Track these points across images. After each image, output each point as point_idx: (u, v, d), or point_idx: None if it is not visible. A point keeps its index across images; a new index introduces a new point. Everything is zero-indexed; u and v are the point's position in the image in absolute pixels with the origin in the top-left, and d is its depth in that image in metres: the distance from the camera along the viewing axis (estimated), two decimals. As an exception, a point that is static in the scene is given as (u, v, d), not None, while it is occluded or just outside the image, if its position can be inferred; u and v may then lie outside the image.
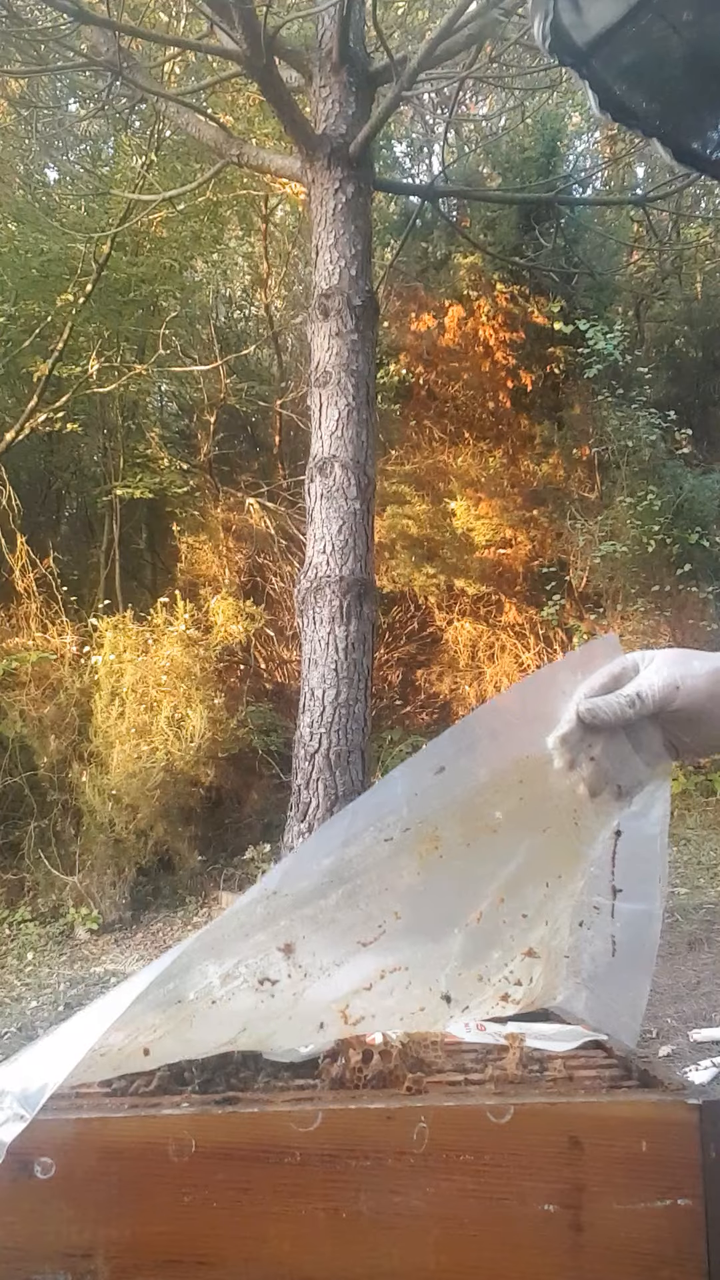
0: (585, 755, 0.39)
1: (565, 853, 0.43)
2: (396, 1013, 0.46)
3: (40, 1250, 0.41)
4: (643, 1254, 0.41)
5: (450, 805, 0.41)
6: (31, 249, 4.08)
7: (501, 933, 0.45)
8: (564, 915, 0.46)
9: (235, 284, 5.47)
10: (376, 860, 0.42)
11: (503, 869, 0.43)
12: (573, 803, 0.41)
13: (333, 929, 0.42)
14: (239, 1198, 0.41)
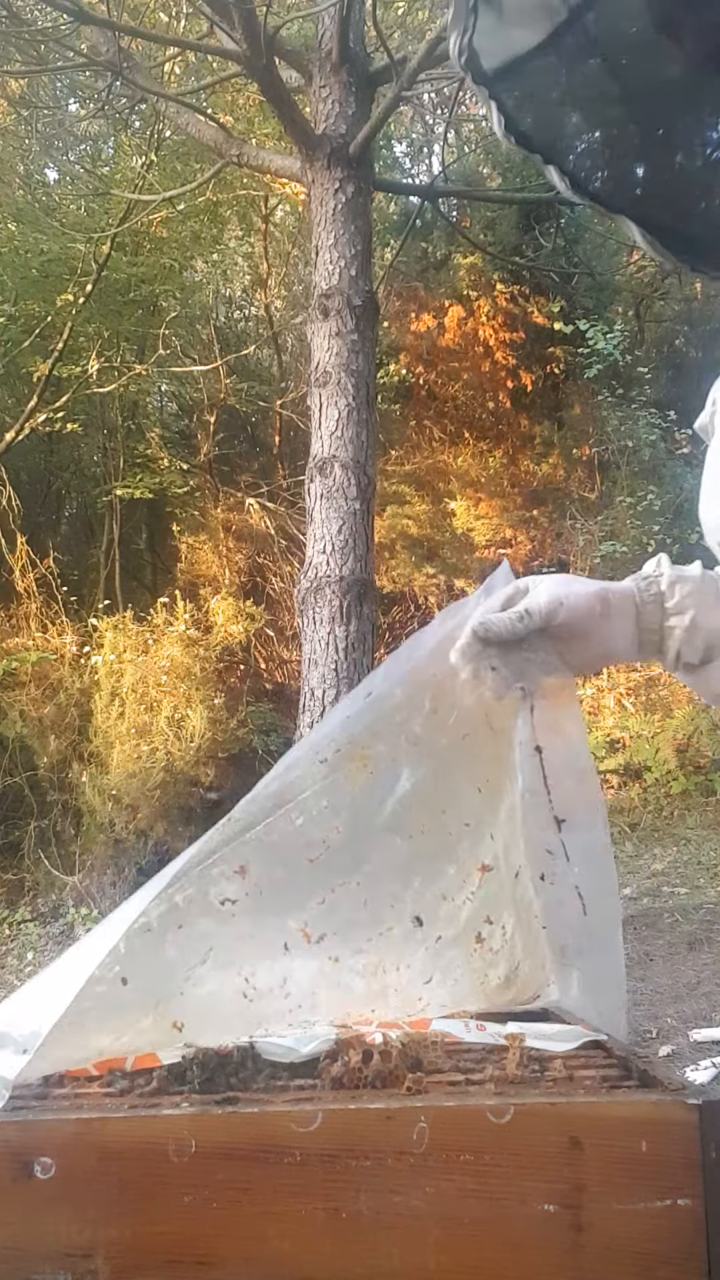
0: (486, 665, 0.44)
1: (488, 757, 0.46)
2: (363, 931, 0.48)
3: (40, 1250, 0.41)
4: (642, 1254, 0.41)
5: (374, 724, 0.46)
6: (31, 249, 4.08)
7: (449, 846, 0.48)
8: (516, 841, 0.48)
9: (235, 284, 5.48)
10: (314, 780, 0.46)
11: (431, 779, 0.46)
12: (483, 707, 0.45)
13: (280, 848, 0.45)
14: (239, 1198, 0.41)
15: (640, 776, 3.76)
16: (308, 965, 0.48)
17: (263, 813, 0.46)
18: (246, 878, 0.46)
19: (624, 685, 4.14)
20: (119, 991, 0.45)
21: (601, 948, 0.50)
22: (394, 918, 0.48)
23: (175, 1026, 0.47)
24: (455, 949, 0.50)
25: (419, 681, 0.46)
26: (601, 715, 4.13)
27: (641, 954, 2.42)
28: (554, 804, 0.46)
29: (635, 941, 2.49)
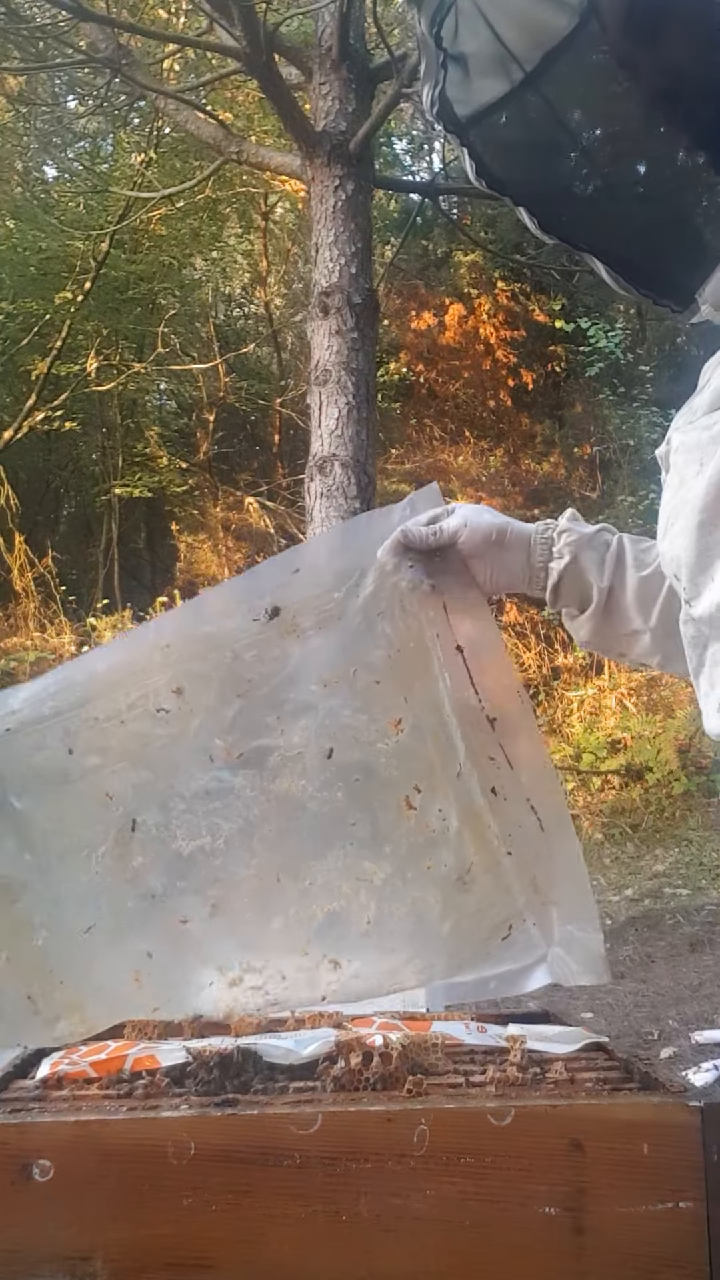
0: (405, 563, 0.52)
1: (410, 643, 0.51)
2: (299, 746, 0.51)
3: (39, 1253, 0.41)
4: (644, 1257, 0.40)
5: (305, 598, 0.51)
6: (30, 246, 4.08)
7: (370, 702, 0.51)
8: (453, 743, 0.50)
9: (235, 282, 5.47)
10: (248, 635, 0.51)
11: (355, 647, 0.51)
12: (398, 594, 0.51)
13: (214, 682, 0.51)
14: (238, 1200, 0.41)
15: (642, 777, 3.76)
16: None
17: (199, 653, 0.51)
18: (181, 697, 0.51)
19: (625, 686, 4.15)
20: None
21: (567, 873, 0.50)
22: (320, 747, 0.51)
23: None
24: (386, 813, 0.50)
25: (348, 567, 0.51)
26: (603, 716, 4.14)
27: (643, 955, 2.42)
28: (483, 704, 0.50)
29: (636, 943, 2.49)
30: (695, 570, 0.42)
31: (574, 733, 4.11)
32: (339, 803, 0.50)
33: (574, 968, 0.50)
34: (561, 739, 4.12)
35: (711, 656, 0.43)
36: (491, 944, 0.50)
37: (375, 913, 0.50)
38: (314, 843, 0.50)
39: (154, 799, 0.51)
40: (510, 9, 0.45)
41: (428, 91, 0.47)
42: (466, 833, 0.50)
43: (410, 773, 0.51)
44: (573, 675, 4.38)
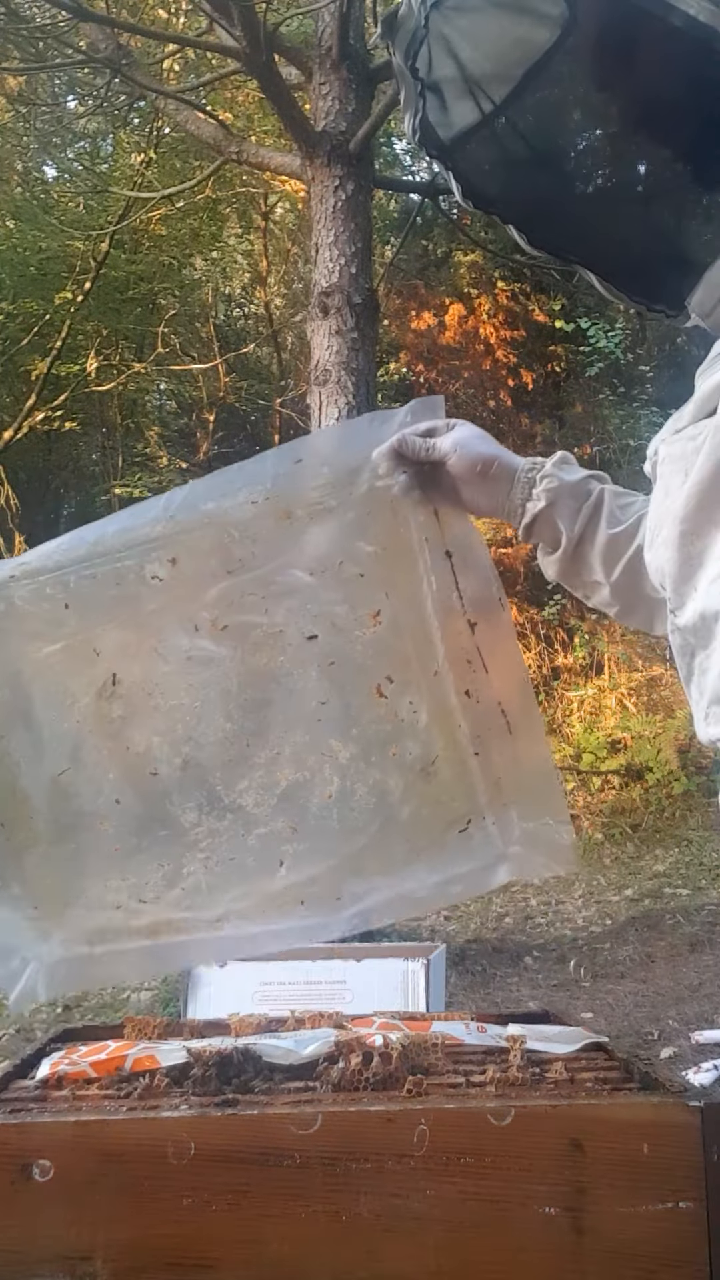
0: (399, 470, 0.53)
1: (397, 543, 0.53)
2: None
3: (39, 1253, 0.41)
4: (644, 1256, 0.40)
5: (301, 489, 0.53)
6: (30, 246, 4.07)
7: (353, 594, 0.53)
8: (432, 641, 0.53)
9: (235, 282, 5.46)
10: (245, 515, 0.53)
11: (344, 539, 0.53)
12: (389, 497, 0.53)
13: (207, 556, 0.53)
14: (238, 1200, 0.41)
15: (642, 777, 3.76)
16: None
17: (196, 528, 0.53)
18: (175, 567, 0.53)
19: (625, 686, 4.14)
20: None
21: (534, 773, 0.52)
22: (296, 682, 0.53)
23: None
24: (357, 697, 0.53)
25: (344, 466, 0.53)
26: (603, 716, 4.13)
27: (643, 955, 2.42)
28: (466, 609, 0.52)
29: (637, 943, 2.49)
30: (679, 580, 0.43)
31: (574, 733, 4.11)
32: (312, 681, 0.53)
33: (540, 860, 0.51)
34: (561, 739, 4.12)
35: (699, 665, 0.43)
36: (449, 835, 0.52)
37: (337, 788, 0.52)
38: (285, 715, 0.53)
39: (138, 659, 0.53)
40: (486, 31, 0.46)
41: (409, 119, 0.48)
42: (435, 728, 0.52)
43: (384, 665, 0.53)
44: (573, 675, 4.38)
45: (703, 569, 0.41)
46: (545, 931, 2.74)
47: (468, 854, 0.51)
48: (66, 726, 0.53)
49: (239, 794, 0.52)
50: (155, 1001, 2.45)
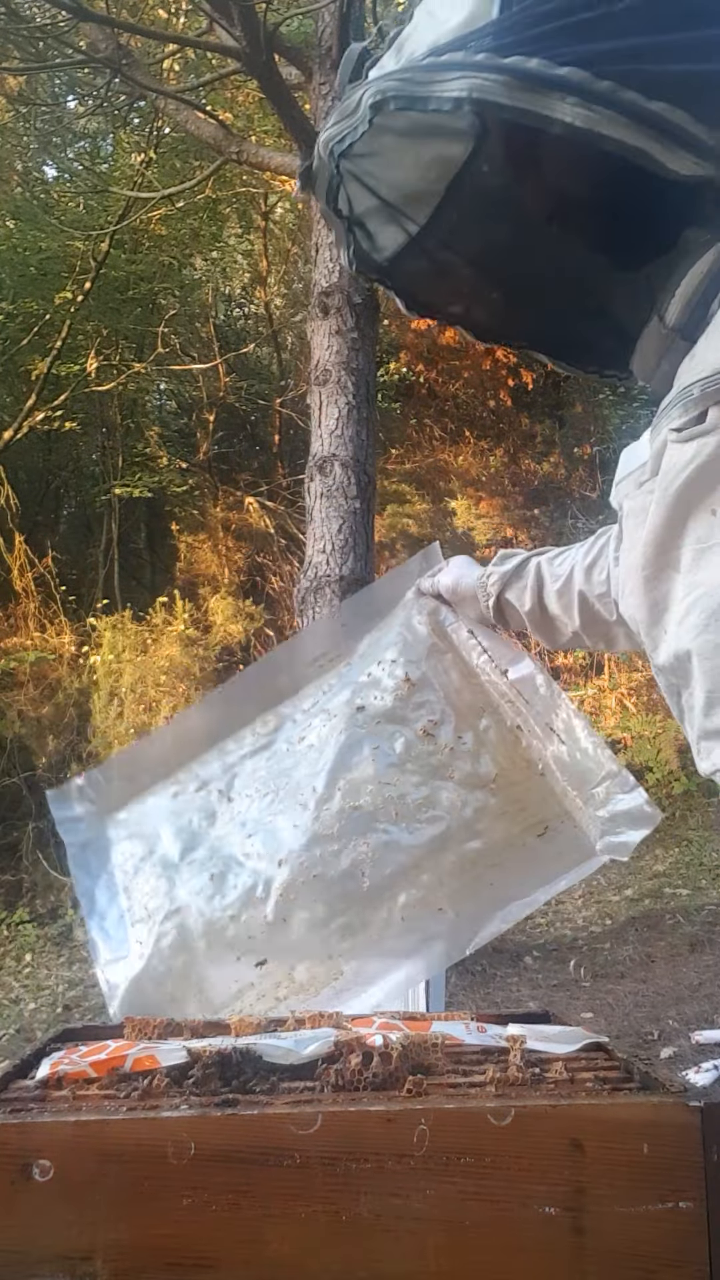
0: (424, 599, 0.73)
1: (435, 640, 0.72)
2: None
3: (38, 1253, 0.41)
4: (644, 1257, 0.40)
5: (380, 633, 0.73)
6: (30, 246, 4.08)
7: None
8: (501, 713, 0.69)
9: (235, 282, 5.46)
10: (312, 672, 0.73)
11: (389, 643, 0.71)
12: (423, 612, 0.72)
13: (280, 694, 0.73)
14: (238, 1200, 0.41)
15: (641, 777, 3.76)
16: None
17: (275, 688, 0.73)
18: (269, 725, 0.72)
19: (625, 686, 4.14)
20: None
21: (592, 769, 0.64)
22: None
23: None
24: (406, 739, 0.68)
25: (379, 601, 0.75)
26: (603, 716, 4.13)
27: (643, 955, 2.42)
28: (494, 659, 0.69)
29: (637, 943, 2.49)
30: (649, 625, 0.46)
31: (574, 733, 4.09)
32: (361, 733, 0.67)
33: (626, 834, 0.60)
34: (561, 739, 4.10)
35: (686, 703, 0.45)
36: (528, 838, 0.62)
37: (400, 806, 0.65)
38: (349, 757, 0.66)
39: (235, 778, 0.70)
40: (400, 160, 0.50)
41: (344, 254, 0.54)
42: (487, 755, 0.65)
43: (425, 714, 0.67)
44: (573, 675, 4.38)
45: (668, 612, 0.44)
46: (545, 931, 2.74)
47: (555, 854, 0.61)
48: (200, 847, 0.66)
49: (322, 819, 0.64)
50: (155, 1001, 2.43)
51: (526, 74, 0.38)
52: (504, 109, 0.39)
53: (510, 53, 0.39)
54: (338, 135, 0.46)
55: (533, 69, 0.38)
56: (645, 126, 0.38)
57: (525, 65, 0.38)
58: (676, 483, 0.42)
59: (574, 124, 0.38)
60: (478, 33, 0.40)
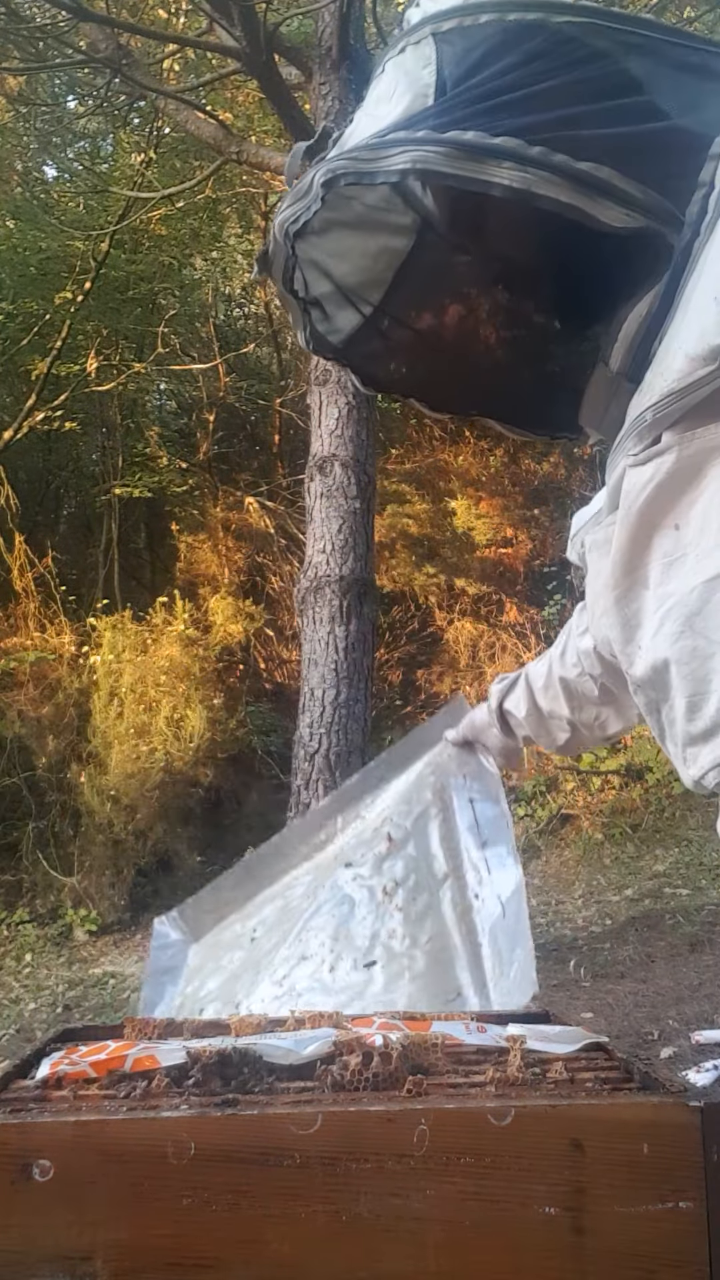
0: (447, 749, 0.82)
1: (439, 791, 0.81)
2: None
3: (38, 1253, 0.41)
4: (644, 1256, 0.40)
5: (394, 788, 0.82)
6: (30, 246, 4.07)
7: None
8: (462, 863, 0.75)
9: (235, 282, 5.46)
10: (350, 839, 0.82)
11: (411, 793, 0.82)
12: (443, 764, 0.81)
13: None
14: (238, 1200, 0.41)
15: (642, 777, 3.76)
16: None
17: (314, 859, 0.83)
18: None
19: (624, 684, 4.12)
20: None
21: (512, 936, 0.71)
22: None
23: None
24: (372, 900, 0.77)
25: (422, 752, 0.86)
26: (601, 714, 4.10)
27: (643, 956, 2.41)
28: (481, 833, 0.75)
29: (637, 943, 2.49)
30: (624, 642, 0.47)
31: (574, 733, 4.09)
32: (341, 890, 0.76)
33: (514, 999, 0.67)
34: (561, 739, 4.10)
35: (667, 717, 0.46)
36: (441, 999, 0.70)
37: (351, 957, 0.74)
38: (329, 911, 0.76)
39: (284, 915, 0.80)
40: (349, 249, 0.53)
41: (300, 335, 0.56)
42: (432, 918, 0.73)
43: (387, 876, 0.75)
44: (572, 675, 4.36)
45: (640, 628, 0.45)
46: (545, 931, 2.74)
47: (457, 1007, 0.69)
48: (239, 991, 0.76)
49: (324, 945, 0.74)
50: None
51: (465, 144, 0.41)
52: (446, 176, 0.42)
53: (448, 129, 0.42)
54: (292, 216, 0.48)
55: (470, 140, 0.41)
56: (576, 184, 0.41)
57: (463, 137, 0.41)
58: (638, 502, 0.43)
59: (511, 185, 0.41)
60: (417, 116, 0.44)
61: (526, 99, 0.42)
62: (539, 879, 3.37)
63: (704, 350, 0.40)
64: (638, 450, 0.43)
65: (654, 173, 0.41)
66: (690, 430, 0.41)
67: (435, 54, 0.44)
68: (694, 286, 0.41)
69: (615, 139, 0.42)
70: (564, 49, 0.42)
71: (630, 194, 0.41)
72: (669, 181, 0.41)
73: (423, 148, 0.42)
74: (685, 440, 0.41)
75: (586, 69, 0.43)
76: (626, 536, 0.44)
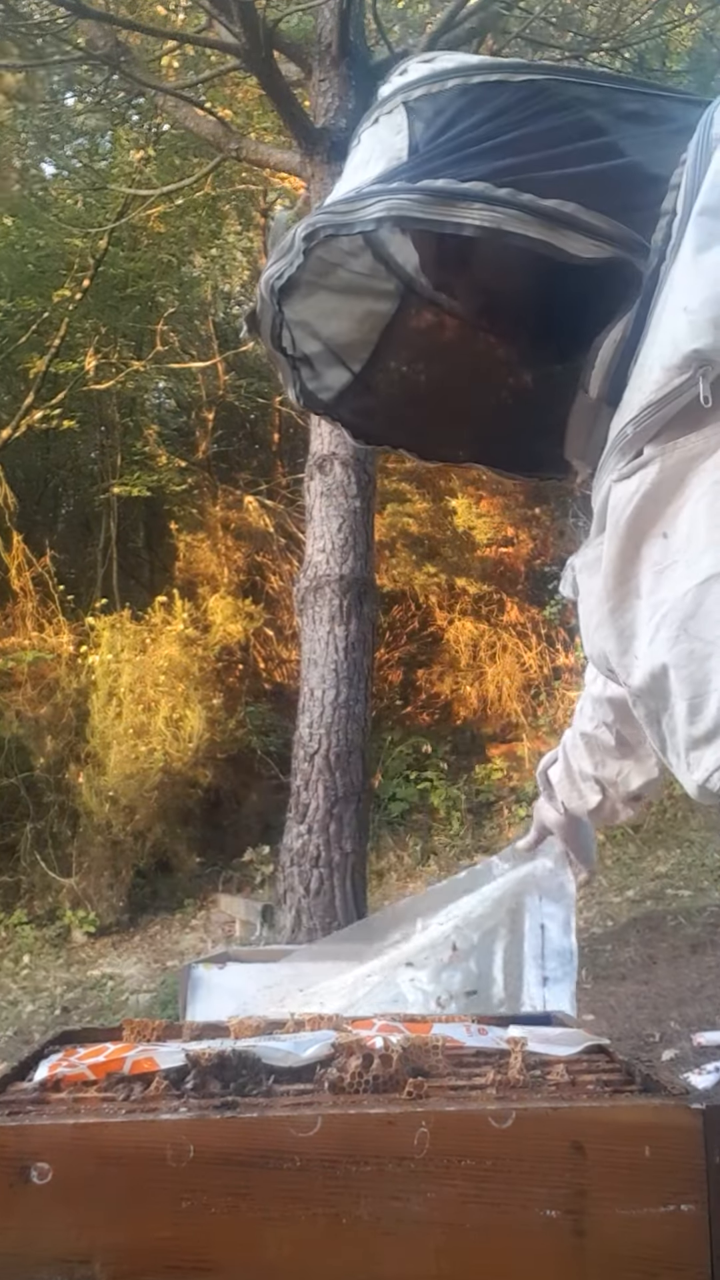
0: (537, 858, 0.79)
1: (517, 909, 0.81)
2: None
3: (37, 1256, 0.40)
4: (645, 1259, 0.40)
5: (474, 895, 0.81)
6: (28, 244, 4.07)
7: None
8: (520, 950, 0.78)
9: (234, 279, 5.45)
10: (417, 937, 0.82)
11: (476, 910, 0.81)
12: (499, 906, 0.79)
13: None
14: (238, 1203, 0.41)
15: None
16: None
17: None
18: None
19: (623, 684, 4.12)
20: None
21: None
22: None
23: None
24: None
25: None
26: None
27: (644, 957, 2.41)
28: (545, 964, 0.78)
29: (638, 945, 2.49)
30: (620, 654, 0.47)
31: (573, 732, 4.09)
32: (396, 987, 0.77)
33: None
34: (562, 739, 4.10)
35: (667, 726, 0.45)
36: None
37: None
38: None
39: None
40: (335, 311, 0.56)
41: (290, 391, 0.58)
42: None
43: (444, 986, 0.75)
44: (574, 675, 4.38)
45: (636, 637, 0.45)
46: (544, 931, 2.73)
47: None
48: None
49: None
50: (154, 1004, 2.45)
51: (436, 190, 0.44)
52: (419, 221, 0.44)
53: (420, 179, 0.44)
54: (276, 273, 0.50)
55: (441, 186, 0.44)
56: (543, 220, 0.43)
57: (434, 184, 0.44)
58: (625, 514, 0.44)
59: (482, 225, 0.43)
60: (391, 172, 0.46)
61: (493, 148, 0.45)
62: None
63: (678, 359, 0.41)
64: (621, 465, 0.44)
65: (617, 205, 0.44)
66: (671, 440, 0.42)
67: (406, 120, 0.47)
68: (664, 304, 0.42)
69: (578, 177, 0.44)
70: (526, 103, 0.46)
71: (596, 226, 0.43)
72: (633, 214, 0.44)
73: (396, 195, 0.44)
74: (667, 451, 0.42)
75: (547, 119, 0.46)
76: (616, 549, 0.45)
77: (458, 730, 4.39)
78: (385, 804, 3.93)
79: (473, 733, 4.38)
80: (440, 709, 4.49)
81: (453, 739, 4.32)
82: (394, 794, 3.99)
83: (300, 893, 2.43)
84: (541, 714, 4.28)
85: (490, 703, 4.34)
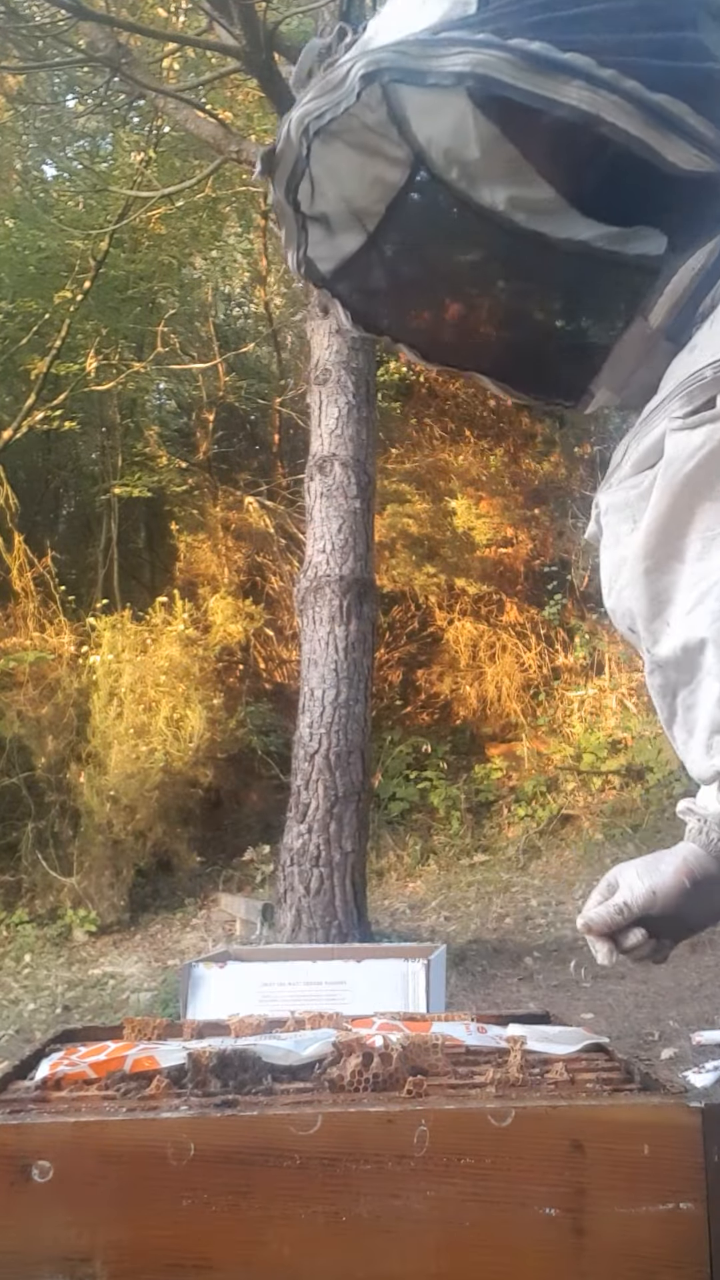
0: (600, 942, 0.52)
1: None
2: None
3: (38, 1254, 0.41)
4: (644, 1258, 0.40)
5: None
6: (29, 246, 4.07)
7: None
8: None
9: (234, 281, 5.45)
10: None
11: None
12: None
13: None
14: (238, 1201, 0.41)
15: (642, 777, 3.76)
16: None
17: None
18: None
19: (626, 686, 4.14)
20: None
21: None
22: None
23: None
24: None
25: None
26: (603, 716, 4.13)
27: (642, 954, 2.41)
28: None
29: (635, 941, 2.48)
30: (649, 617, 0.43)
31: (574, 733, 4.10)
32: None
33: None
34: (562, 739, 4.11)
35: (683, 702, 0.42)
36: None
37: None
38: None
39: None
40: (352, 167, 0.47)
41: (291, 255, 0.49)
42: None
43: None
44: (573, 675, 4.38)
45: (672, 604, 0.41)
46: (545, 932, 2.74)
47: None
48: None
49: None
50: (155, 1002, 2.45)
51: (532, 55, 0.36)
52: (507, 87, 0.37)
53: (511, 36, 0.37)
54: (315, 111, 0.42)
55: (537, 50, 0.36)
56: (648, 115, 0.37)
57: (529, 47, 0.36)
58: (684, 470, 0.39)
59: (579, 107, 0.36)
60: (460, 20, 0.38)
61: (591, 16, 0.37)
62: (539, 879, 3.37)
63: None
64: (686, 412, 0.38)
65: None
66: None
67: None
68: None
69: (692, 73, 0.37)
70: None
71: (703, 134, 0.37)
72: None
73: (484, 51, 0.36)
74: None
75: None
76: (665, 505, 0.40)
77: (457, 730, 4.39)
78: (385, 804, 3.93)
79: (472, 732, 4.38)
80: (440, 709, 4.48)
81: (452, 739, 4.32)
82: (394, 794, 3.99)
83: (300, 892, 2.43)
84: (541, 714, 4.28)
85: (490, 703, 4.34)
